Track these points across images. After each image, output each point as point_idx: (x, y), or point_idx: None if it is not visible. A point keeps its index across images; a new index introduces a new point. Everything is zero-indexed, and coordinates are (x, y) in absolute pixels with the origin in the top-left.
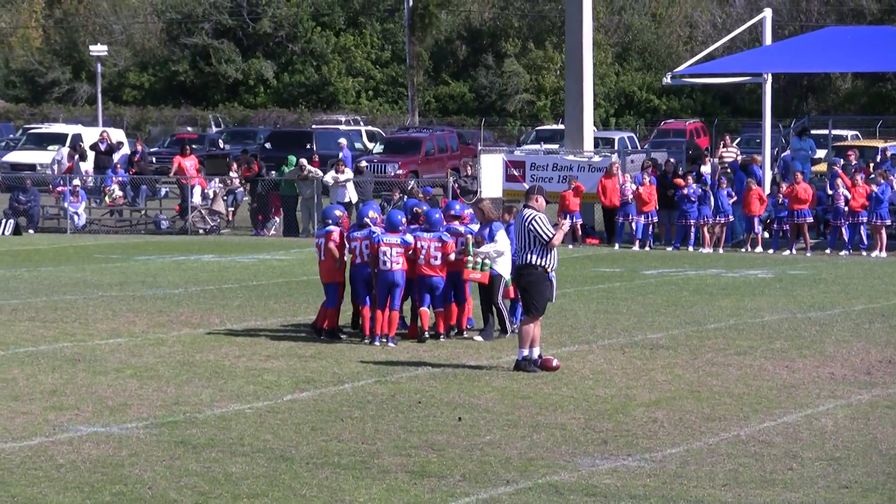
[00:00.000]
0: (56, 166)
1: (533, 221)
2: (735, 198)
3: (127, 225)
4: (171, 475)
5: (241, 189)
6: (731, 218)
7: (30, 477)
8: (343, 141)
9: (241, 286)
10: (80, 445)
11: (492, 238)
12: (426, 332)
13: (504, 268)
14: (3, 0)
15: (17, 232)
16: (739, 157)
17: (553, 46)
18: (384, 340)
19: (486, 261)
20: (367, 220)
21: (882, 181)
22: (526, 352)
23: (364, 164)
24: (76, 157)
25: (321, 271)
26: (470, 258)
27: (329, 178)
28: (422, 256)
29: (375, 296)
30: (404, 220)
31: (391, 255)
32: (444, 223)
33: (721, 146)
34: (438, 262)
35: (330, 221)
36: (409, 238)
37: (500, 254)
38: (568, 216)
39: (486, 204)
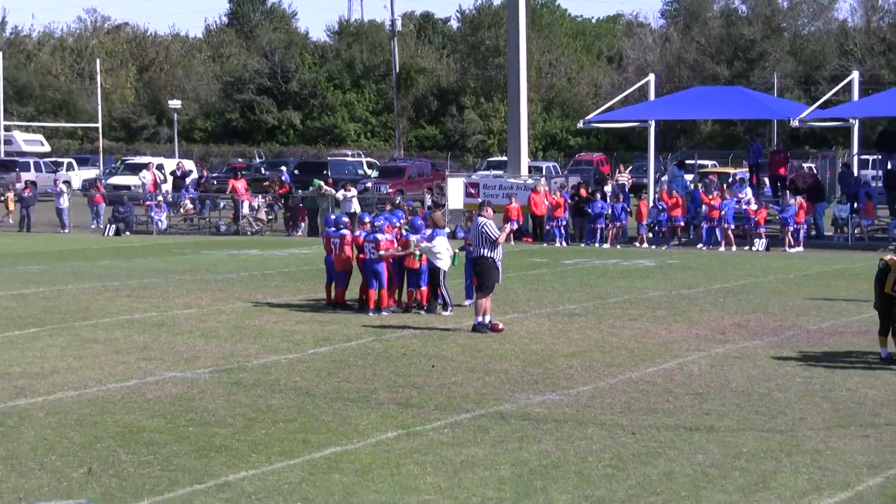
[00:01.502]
0: (142, 184)
1: (485, 226)
2: (629, 211)
3: (196, 228)
4: (228, 406)
5: (278, 203)
6: (625, 223)
7: (127, 408)
8: (283, 168)
9: (278, 272)
10: (164, 385)
11: (431, 240)
12: (411, 307)
13: (444, 262)
14: (106, 67)
15: (117, 234)
16: (630, 181)
17: (499, 100)
18: (379, 312)
19: (416, 252)
20: (367, 221)
21: (728, 197)
22: (480, 318)
23: (370, 185)
24: (159, 178)
25: (336, 262)
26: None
27: (340, 195)
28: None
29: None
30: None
31: (369, 248)
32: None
33: (618, 172)
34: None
35: (342, 226)
36: (380, 237)
37: (434, 251)
38: (510, 222)
39: (436, 215)
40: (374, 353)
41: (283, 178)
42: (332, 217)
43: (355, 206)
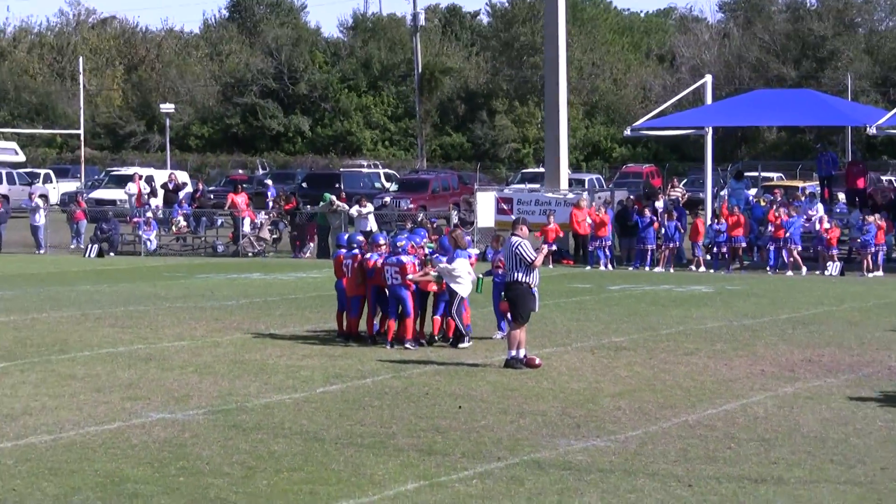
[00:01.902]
0: (129, 197)
1: (519, 247)
2: (683, 230)
3: (190, 249)
4: (224, 453)
5: (283, 221)
6: (679, 243)
7: (110, 454)
8: (269, 181)
9: (283, 299)
10: (151, 429)
11: (451, 262)
12: (435, 337)
13: (464, 288)
14: (90, 67)
15: (100, 255)
16: (685, 196)
17: (535, 104)
18: (400, 344)
19: (433, 273)
20: (384, 241)
21: (795, 214)
22: (514, 352)
23: (387, 199)
24: (147, 193)
25: (349, 287)
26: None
27: (354, 211)
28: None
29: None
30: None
31: (391, 272)
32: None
33: (670, 186)
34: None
35: (356, 246)
36: (405, 259)
37: (453, 274)
38: (548, 243)
39: (457, 233)
40: (392, 392)
41: (269, 192)
42: (345, 236)
43: (371, 224)
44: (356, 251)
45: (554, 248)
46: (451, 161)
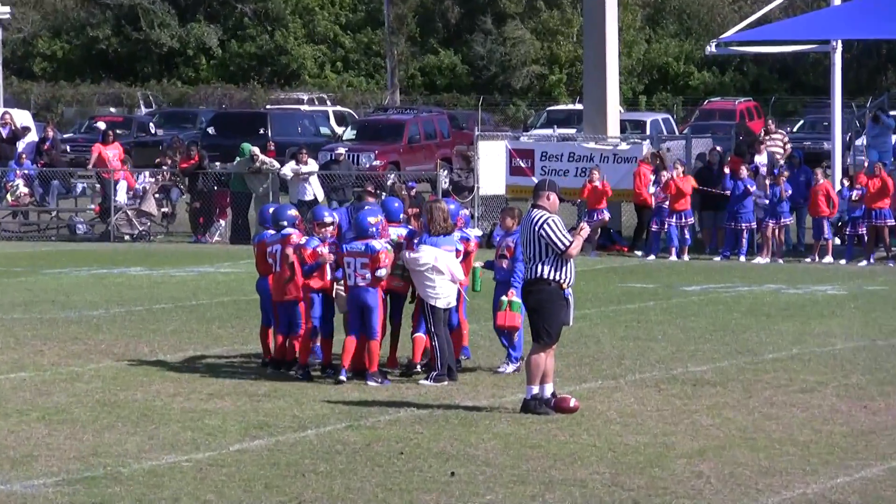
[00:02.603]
0: None
1: (545, 225)
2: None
3: (34, 230)
4: None
5: (178, 186)
6: (789, 220)
7: None
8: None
9: (177, 306)
10: None
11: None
12: (416, 365)
13: (432, 294)
14: None
15: None
16: (788, 147)
17: (569, 6)
18: (375, 377)
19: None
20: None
21: None
22: (536, 389)
23: (342, 151)
24: None
25: (275, 287)
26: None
27: (288, 170)
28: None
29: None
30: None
31: (356, 267)
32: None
33: (764, 134)
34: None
35: (286, 223)
36: (377, 245)
37: (419, 270)
38: (593, 215)
39: (436, 206)
40: (348, 451)
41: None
42: (271, 210)
43: (316, 191)
44: (288, 231)
45: (607, 216)
46: (437, 94)
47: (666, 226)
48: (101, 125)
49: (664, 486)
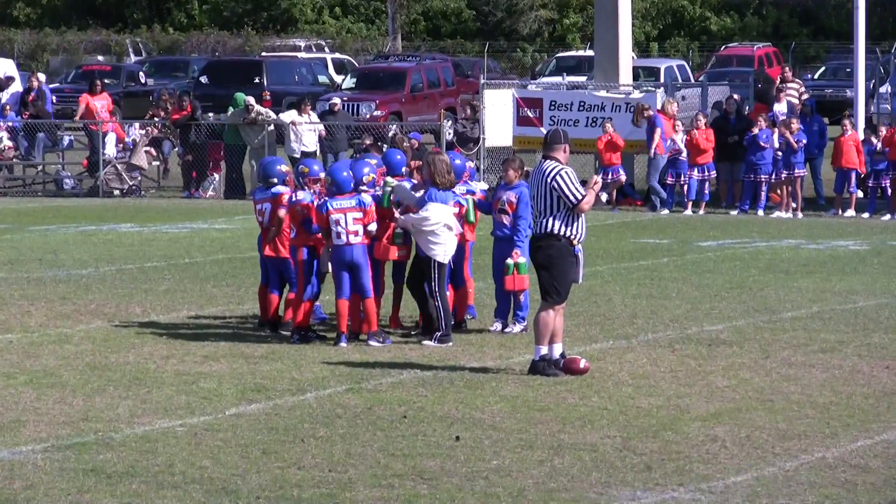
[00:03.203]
0: None
1: (557, 177)
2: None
3: (19, 185)
4: None
5: (170, 138)
6: (802, 172)
7: None
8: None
9: (170, 265)
10: None
11: (422, 205)
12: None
13: (439, 250)
14: None
15: None
16: (804, 97)
17: None
18: (376, 337)
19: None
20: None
21: None
22: (544, 349)
23: (337, 101)
24: None
25: (265, 243)
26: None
27: (287, 118)
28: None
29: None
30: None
31: (345, 223)
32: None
33: (780, 81)
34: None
35: (276, 181)
36: (368, 199)
37: (424, 227)
38: (608, 170)
39: (437, 158)
40: (348, 415)
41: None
42: (270, 164)
43: (312, 143)
44: (280, 189)
45: (623, 176)
46: (441, 40)
47: (683, 178)
48: None
49: (678, 450)
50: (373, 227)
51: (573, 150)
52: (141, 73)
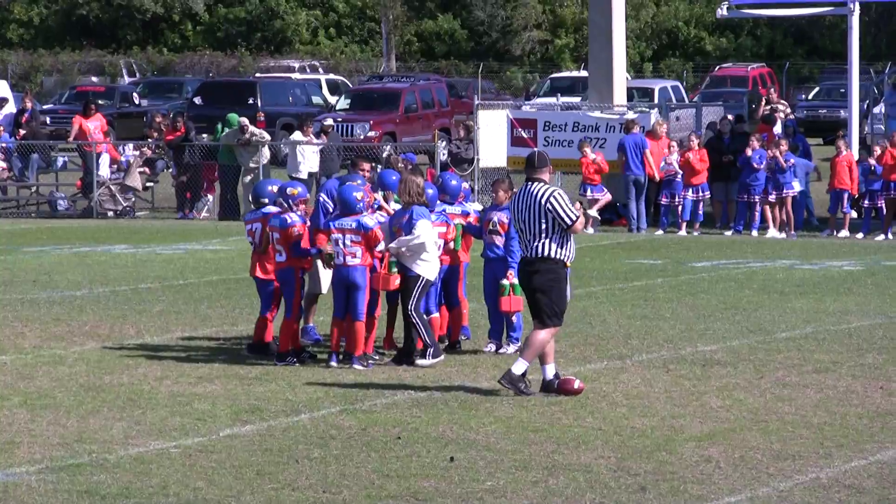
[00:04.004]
0: None
1: (552, 199)
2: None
3: (13, 206)
4: None
5: (163, 158)
6: (793, 192)
7: None
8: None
9: (164, 286)
10: None
11: (410, 227)
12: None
13: (428, 268)
14: None
15: None
16: (788, 113)
17: None
18: (361, 360)
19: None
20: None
21: None
22: (526, 366)
23: (330, 122)
24: None
25: (255, 264)
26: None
27: (297, 138)
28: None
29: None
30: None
31: (345, 242)
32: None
33: (763, 103)
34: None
35: (266, 200)
36: (369, 222)
37: (417, 249)
38: (598, 189)
39: (410, 180)
40: (342, 436)
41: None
42: (261, 185)
43: (314, 164)
44: (269, 209)
45: (608, 195)
46: (435, 61)
47: (677, 199)
48: None
49: (672, 470)
50: (381, 246)
51: (568, 171)
52: (135, 94)
